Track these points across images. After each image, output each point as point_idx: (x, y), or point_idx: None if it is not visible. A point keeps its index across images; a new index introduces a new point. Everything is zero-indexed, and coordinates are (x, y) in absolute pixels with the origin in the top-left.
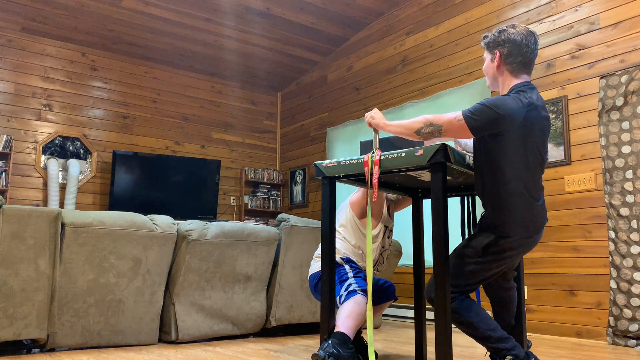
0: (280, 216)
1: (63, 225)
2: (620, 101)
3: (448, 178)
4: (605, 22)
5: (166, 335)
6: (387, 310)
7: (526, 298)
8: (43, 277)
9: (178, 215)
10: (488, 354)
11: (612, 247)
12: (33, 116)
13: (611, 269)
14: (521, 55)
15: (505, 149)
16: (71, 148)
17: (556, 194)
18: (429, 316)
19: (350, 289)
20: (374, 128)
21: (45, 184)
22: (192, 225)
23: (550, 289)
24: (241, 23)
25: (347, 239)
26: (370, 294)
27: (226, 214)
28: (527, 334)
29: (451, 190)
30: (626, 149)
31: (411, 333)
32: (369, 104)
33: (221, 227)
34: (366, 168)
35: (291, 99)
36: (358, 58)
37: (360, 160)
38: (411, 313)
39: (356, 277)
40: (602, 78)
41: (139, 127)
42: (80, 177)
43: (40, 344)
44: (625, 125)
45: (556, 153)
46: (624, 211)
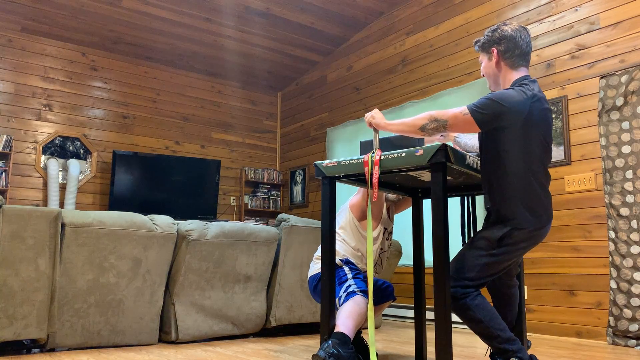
0: (280, 216)
1: (63, 225)
2: (620, 101)
3: (448, 178)
4: (605, 22)
5: (166, 335)
6: (387, 310)
7: (526, 298)
8: (43, 277)
9: (178, 215)
10: (488, 354)
11: (612, 247)
12: (33, 116)
13: (611, 269)
14: (518, 48)
15: (512, 142)
16: (71, 148)
17: (556, 194)
18: (429, 316)
19: (349, 290)
20: (374, 128)
21: (45, 184)
22: (192, 225)
23: (550, 289)
24: (241, 23)
25: (347, 241)
26: (371, 295)
27: (226, 214)
28: (527, 334)
29: (451, 190)
30: (626, 149)
31: (411, 333)
32: (369, 104)
33: (221, 227)
34: (366, 168)
35: (291, 99)
36: (358, 58)
37: (360, 160)
38: (411, 313)
39: (355, 279)
40: (602, 78)
41: (139, 127)
42: (80, 177)
43: (40, 344)
44: (625, 125)
45: (556, 153)
46: (624, 211)
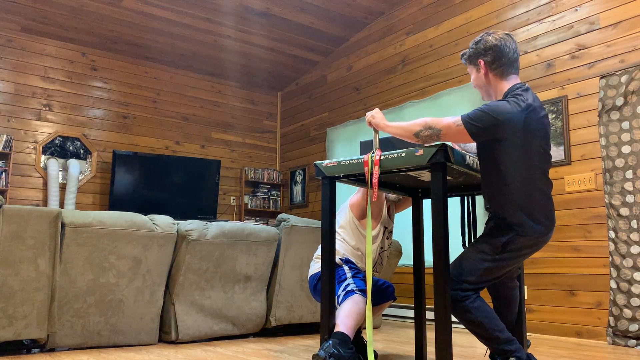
0: (280, 216)
1: (63, 225)
2: (620, 101)
3: (448, 178)
4: (605, 22)
5: (166, 335)
6: (387, 310)
7: (526, 298)
8: (43, 277)
9: (178, 215)
10: (488, 354)
11: (612, 247)
12: (33, 116)
13: (611, 269)
14: (504, 57)
15: (510, 153)
16: (71, 148)
17: (556, 194)
18: (429, 316)
19: (348, 289)
20: (374, 128)
21: (45, 184)
22: (192, 225)
23: (550, 289)
24: (241, 23)
25: (347, 240)
26: (369, 294)
27: (226, 214)
28: (527, 334)
29: (451, 190)
30: (626, 149)
31: (411, 333)
32: (369, 104)
33: (221, 227)
34: (366, 168)
35: (291, 99)
36: (358, 58)
37: (360, 160)
38: (411, 313)
39: (354, 278)
40: (602, 78)
41: (139, 127)
42: (80, 177)
43: (40, 344)
44: (625, 125)
45: (556, 153)
46: (624, 211)
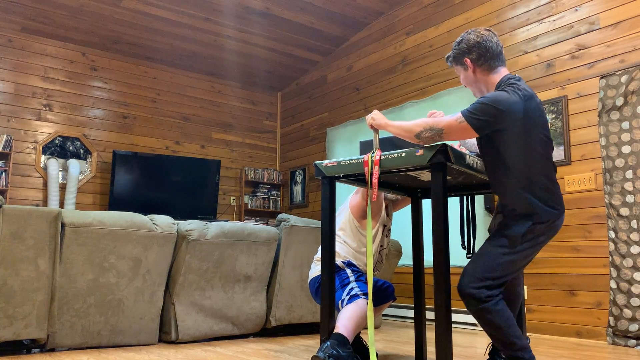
0: (280, 216)
1: (63, 225)
2: (620, 101)
3: (448, 178)
4: (605, 22)
5: (166, 335)
6: (387, 310)
7: (526, 298)
8: (43, 277)
9: (178, 215)
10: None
11: (612, 247)
12: (33, 116)
13: (611, 269)
14: (488, 51)
15: (512, 142)
16: (71, 148)
17: None
18: (429, 316)
19: (352, 293)
20: (375, 128)
21: (45, 184)
22: (192, 225)
23: (550, 289)
24: (241, 23)
25: (347, 242)
26: (370, 296)
27: (226, 214)
28: (527, 334)
29: (451, 190)
30: (626, 149)
31: (411, 333)
32: (369, 104)
33: (221, 227)
34: (366, 168)
35: (291, 99)
36: (358, 58)
37: (360, 160)
38: (411, 313)
39: (358, 281)
40: (602, 78)
41: (139, 127)
42: (80, 177)
43: (40, 344)
44: (625, 125)
45: (556, 153)
46: (624, 211)
